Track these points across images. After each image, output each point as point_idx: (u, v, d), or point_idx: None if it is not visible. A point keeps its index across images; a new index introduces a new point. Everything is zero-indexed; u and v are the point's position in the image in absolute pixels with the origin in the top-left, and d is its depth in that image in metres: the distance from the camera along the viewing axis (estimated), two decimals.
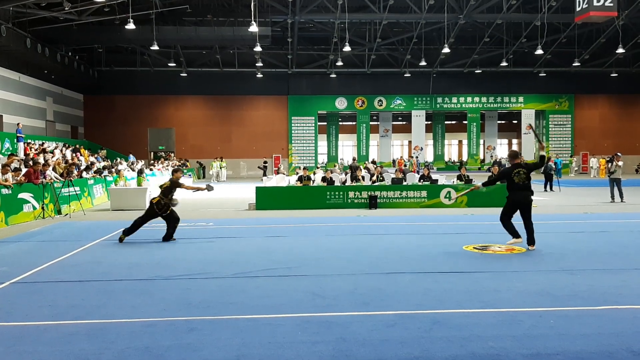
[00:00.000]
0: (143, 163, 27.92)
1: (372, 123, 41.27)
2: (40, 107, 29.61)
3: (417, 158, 36.71)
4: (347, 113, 41.23)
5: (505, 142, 55.97)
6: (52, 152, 21.79)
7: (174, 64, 34.67)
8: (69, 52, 31.19)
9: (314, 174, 19.31)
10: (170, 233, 9.93)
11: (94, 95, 36.31)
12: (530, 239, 8.77)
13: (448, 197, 15.83)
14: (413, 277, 6.94)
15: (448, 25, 29.74)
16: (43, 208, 13.81)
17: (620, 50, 28.07)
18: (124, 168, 23.12)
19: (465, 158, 44.93)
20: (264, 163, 33.66)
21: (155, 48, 28.09)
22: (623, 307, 5.54)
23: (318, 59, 36.32)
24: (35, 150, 21.83)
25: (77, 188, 15.84)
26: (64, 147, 25.53)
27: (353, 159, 28.74)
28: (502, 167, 19.72)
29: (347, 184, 17.35)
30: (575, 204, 16.67)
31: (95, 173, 19.75)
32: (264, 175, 29.37)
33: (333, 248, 9.10)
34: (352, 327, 4.93)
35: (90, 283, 6.76)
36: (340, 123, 43.47)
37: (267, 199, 15.66)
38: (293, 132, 37.77)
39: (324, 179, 17.35)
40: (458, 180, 17.52)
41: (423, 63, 32.97)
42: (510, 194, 8.82)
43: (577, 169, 38.10)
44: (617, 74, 37.15)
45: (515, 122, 47.81)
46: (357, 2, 29.00)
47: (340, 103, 38.02)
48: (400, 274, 7.08)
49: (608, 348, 4.39)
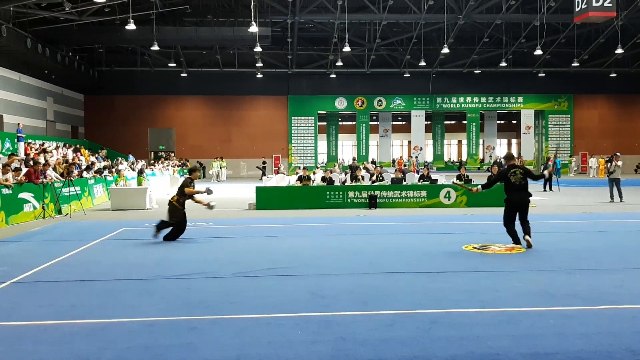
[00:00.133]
0: (143, 163, 27.90)
1: (371, 123, 41.27)
2: (41, 107, 29.61)
3: (416, 158, 36.72)
4: (346, 113, 41.24)
5: (505, 142, 55.98)
6: (50, 152, 21.77)
7: (174, 64, 34.65)
8: (70, 52, 31.20)
9: (314, 174, 19.32)
10: (175, 236, 9.97)
11: (95, 95, 36.30)
12: (526, 229, 8.78)
13: (448, 197, 15.84)
14: (412, 276, 6.96)
15: (447, 26, 29.73)
16: (43, 208, 13.83)
17: (619, 51, 28.08)
18: (124, 168, 23.12)
19: (465, 158, 44.96)
20: (263, 163, 33.61)
21: (156, 48, 28.09)
22: (622, 306, 5.55)
23: (318, 59, 36.31)
24: (36, 150, 21.83)
25: (77, 188, 15.85)
26: (64, 146, 25.53)
27: (353, 159, 28.78)
28: (502, 167, 19.71)
29: (346, 184, 17.36)
30: (575, 204, 16.68)
31: (96, 173, 19.76)
32: (263, 176, 29.36)
33: (332, 248, 9.11)
34: (351, 326, 4.95)
35: (91, 283, 6.77)
36: (340, 123, 43.47)
37: (267, 199, 15.69)
38: (293, 132, 37.76)
39: (324, 179, 17.37)
40: (458, 180, 17.49)
41: (422, 63, 32.96)
42: (508, 196, 8.82)
43: (576, 169, 38.10)
44: (616, 74, 37.12)
45: (515, 122, 47.85)
46: (356, 2, 28.98)
47: (340, 103, 38.02)
48: (400, 274, 7.10)
49: (607, 348, 4.40)
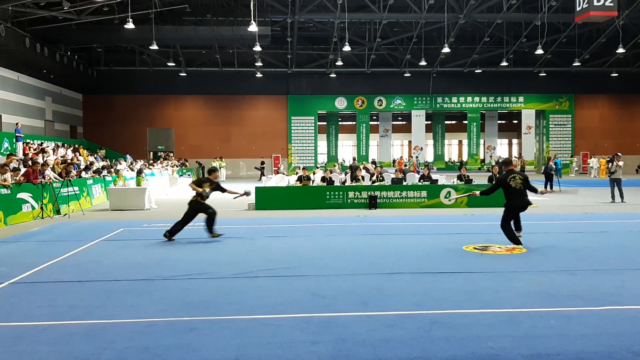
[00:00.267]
0: (142, 163, 27.88)
1: (372, 123, 41.24)
2: (39, 106, 29.58)
3: (417, 158, 36.69)
4: (346, 113, 41.21)
5: (506, 142, 56.00)
6: (47, 152, 21.74)
7: (173, 64, 34.63)
8: (68, 51, 31.16)
9: (314, 174, 19.31)
10: (179, 229, 10.06)
11: (93, 95, 36.26)
12: (518, 227, 9.20)
13: (448, 197, 15.82)
14: (412, 277, 6.94)
15: (448, 25, 29.71)
16: (42, 208, 13.80)
17: (621, 50, 28.04)
18: (123, 168, 23.09)
19: (466, 158, 44.93)
20: (261, 164, 33.47)
21: (155, 48, 28.05)
22: (623, 307, 5.54)
23: (318, 59, 36.28)
24: (34, 150, 21.81)
25: (76, 188, 15.83)
26: (62, 146, 25.49)
27: (353, 159, 28.74)
28: (502, 170, 19.67)
29: (346, 184, 17.34)
30: (576, 204, 16.66)
31: (94, 173, 19.73)
32: (262, 176, 29.29)
33: (332, 248, 9.09)
34: (351, 327, 4.93)
35: (90, 283, 6.75)
36: (340, 123, 43.44)
37: (266, 199, 15.66)
38: (293, 132, 37.73)
39: (324, 179, 17.35)
40: (458, 180, 17.49)
41: (423, 63, 32.92)
42: (509, 201, 8.92)
43: (577, 169, 38.08)
44: (617, 74, 37.10)
45: (516, 122, 47.82)
46: (356, 1, 28.95)
47: (340, 103, 37.99)
48: (400, 274, 7.08)
49: (608, 348, 4.39)
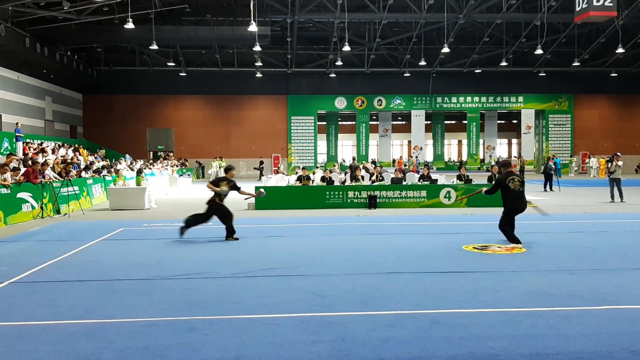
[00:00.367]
0: (142, 163, 27.87)
1: (371, 123, 41.25)
2: (39, 106, 29.58)
3: (416, 158, 36.69)
4: (346, 113, 41.21)
5: (505, 141, 56.02)
6: (45, 152, 21.73)
7: (173, 64, 34.64)
8: (68, 51, 31.17)
9: (313, 174, 19.31)
10: (193, 225, 10.11)
11: (93, 95, 36.26)
12: (512, 226, 9.39)
13: (448, 197, 15.83)
14: (412, 276, 6.94)
15: (448, 25, 29.72)
16: (42, 208, 13.80)
17: (620, 50, 28.06)
18: (123, 168, 23.09)
19: (465, 158, 44.95)
20: (260, 164, 33.31)
21: (155, 48, 28.06)
22: (622, 307, 5.54)
23: (317, 59, 36.29)
24: (34, 150, 21.81)
25: (76, 188, 15.83)
26: (62, 146, 25.48)
27: (353, 159, 28.73)
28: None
29: (346, 184, 17.34)
30: (575, 204, 16.66)
31: (94, 173, 19.73)
32: (261, 176, 29.23)
33: (332, 248, 9.09)
34: (351, 326, 4.93)
35: (90, 283, 6.75)
36: (340, 123, 43.44)
37: (266, 199, 15.63)
38: (292, 131, 37.73)
39: (323, 179, 17.35)
40: (458, 180, 17.50)
41: (423, 63, 32.94)
42: (508, 203, 9.03)
43: (577, 169, 38.08)
44: (616, 74, 37.13)
45: (515, 121, 47.84)
46: (356, 1, 28.97)
47: (340, 103, 37.99)
48: (400, 274, 7.08)
49: (607, 348, 4.39)
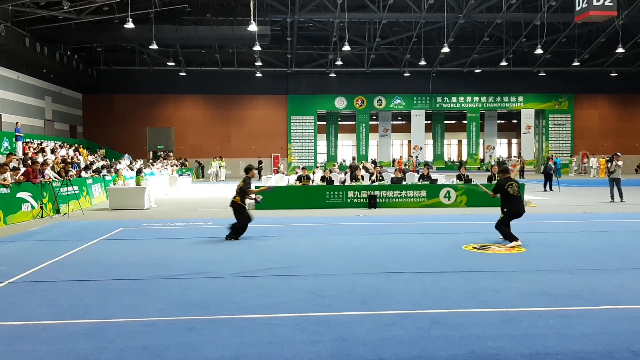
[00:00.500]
0: (142, 162, 27.87)
1: (371, 122, 41.25)
2: (39, 106, 29.58)
3: (416, 158, 36.69)
4: (346, 112, 41.20)
5: (505, 141, 56.04)
6: (45, 152, 21.73)
7: (173, 63, 34.63)
8: (68, 51, 31.16)
9: (313, 174, 19.31)
10: (241, 232, 10.19)
11: (93, 95, 36.26)
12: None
13: (447, 196, 15.83)
14: (412, 276, 6.94)
15: (447, 25, 29.71)
16: (42, 207, 13.79)
17: (620, 50, 28.05)
18: (123, 167, 23.08)
19: (465, 158, 44.95)
20: (259, 163, 33.15)
21: (154, 47, 28.04)
22: (622, 306, 5.54)
23: (317, 59, 36.28)
24: (34, 150, 21.80)
25: (75, 187, 15.82)
26: (61, 146, 25.47)
27: (352, 159, 28.71)
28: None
29: (346, 184, 17.33)
30: (575, 204, 16.66)
31: (94, 172, 19.72)
32: (261, 175, 29.13)
33: (332, 248, 9.09)
34: (351, 326, 4.93)
35: (89, 282, 6.75)
36: (340, 122, 43.44)
37: (266, 199, 15.62)
38: (292, 131, 37.73)
39: (323, 179, 17.34)
40: (457, 180, 17.49)
41: (422, 62, 32.93)
42: (509, 207, 9.14)
43: (577, 169, 38.07)
44: (616, 74, 37.12)
45: (515, 121, 47.82)
46: (356, 1, 28.95)
47: (340, 102, 37.99)
48: (399, 274, 7.08)
49: (607, 348, 4.39)
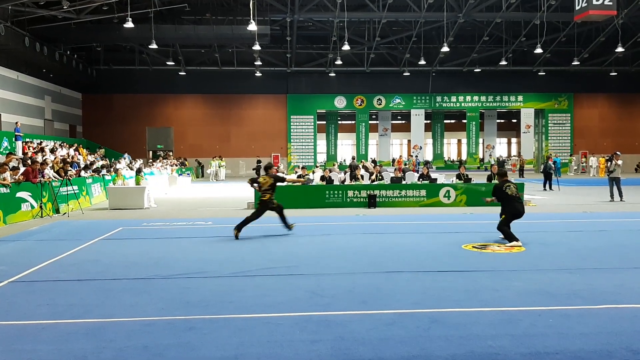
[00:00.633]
0: (142, 162, 27.85)
1: (371, 122, 41.23)
2: (39, 105, 29.56)
3: (416, 157, 36.68)
4: (346, 112, 41.20)
5: (505, 141, 56.04)
6: (44, 152, 21.72)
7: (173, 63, 34.61)
8: (68, 50, 31.15)
9: (313, 173, 19.30)
10: (285, 221, 10.50)
11: (93, 94, 36.24)
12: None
13: (447, 196, 15.83)
14: (412, 276, 6.94)
15: (447, 24, 29.70)
16: (41, 207, 13.79)
17: (620, 49, 28.04)
18: (122, 167, 23.07)
19: (465, 157, 44.94)
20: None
21: (154, 47, 28.03)
22: (622, 306, 5.54)
23: (317, 58, 36.26)
24: (34, 149, 21.79)
25: (75, 187, 15.81)
26: (60, 146, 25.45)
27: (352, 158, 28.70)
28: (501, 165, 19.70)
29: (346, 183, 17.33)
30: (575, 203, 16.66)
31: (94, 172, 19.71)
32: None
33: (332, 247, 9.09)
34: (350, 326, 4.93)
35: (89, 282, 6.75)
36: (340, 122, 43.44)
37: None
38: (292, 131, 37.72)
39: (323, 178, 17.34)
40: (457, 180, 17.48)
41: (422, 62, 32.90)
42: (509, 207, 9.19)
43: (576, 168, 38.07)
44: (616, 73, 37.11)
45: (515, 121, 47.82)
46: (356, 0, 28.95)
47: (340, 102, 37.98)
48: (399, 273, 7.08)
49: (607, 347, 4.39)
